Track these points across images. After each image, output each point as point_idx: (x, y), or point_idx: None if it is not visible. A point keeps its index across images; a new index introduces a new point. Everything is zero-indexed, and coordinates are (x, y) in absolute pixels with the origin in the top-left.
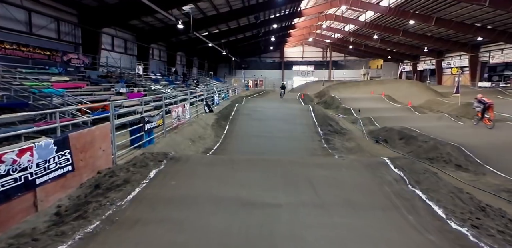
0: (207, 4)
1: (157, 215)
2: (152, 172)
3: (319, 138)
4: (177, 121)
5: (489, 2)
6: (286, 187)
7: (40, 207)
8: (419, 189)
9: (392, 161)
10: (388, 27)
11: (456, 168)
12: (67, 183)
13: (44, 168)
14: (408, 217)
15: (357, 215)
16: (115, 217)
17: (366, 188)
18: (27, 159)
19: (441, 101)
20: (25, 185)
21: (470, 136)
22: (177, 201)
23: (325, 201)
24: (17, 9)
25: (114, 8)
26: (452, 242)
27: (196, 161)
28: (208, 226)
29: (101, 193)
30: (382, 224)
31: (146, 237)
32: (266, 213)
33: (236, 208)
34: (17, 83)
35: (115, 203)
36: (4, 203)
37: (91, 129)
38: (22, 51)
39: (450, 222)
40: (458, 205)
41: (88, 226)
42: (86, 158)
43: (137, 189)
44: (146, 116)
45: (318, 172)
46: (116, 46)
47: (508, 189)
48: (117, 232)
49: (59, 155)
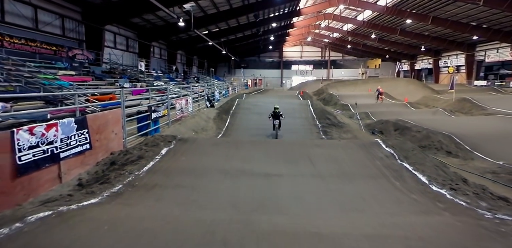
0: (207, 2)
1: (172, 181)
2: (163, 150)
3: (317, 130)
4: (180, 113)
5: (484, 1)
6: (287, 162)
7: (64, 179)
8: (407, 163)
9: (384, 141)
10: (386, 26)
11: (447, 154)
12: (85, 160)
13: (66, 144)
14: (395, 183)
15: (350, 183)
16: (135, 182)
17: (359, 162)
18: (53, 134)
19: (437, 97)
20: (51, 157)
21: (461, 127)
22: (188, 172)
23: (322, 172)
24: (25, 6)
25: (117, 5)
26: (432, 199)
27: (203, 142)
28: (217, 189)
29: (117, 168)
30: (372, 189)
31: (164, 196)
32: (269, 181)
33: (242, 177)
34: (28, 75)
35: (133, 173)
36: (35, 172)
37: (105, 112)
38: (30, 46)
39: (431, 186)
40: (441, 175)
41: (113, 188)
42: (101, 139)
43: (151, 162)
44: (153, 105)
45: (317, 150)
46: (118, 43)
47: (493, 171)
48: (138, 192)
49: (78, 133)
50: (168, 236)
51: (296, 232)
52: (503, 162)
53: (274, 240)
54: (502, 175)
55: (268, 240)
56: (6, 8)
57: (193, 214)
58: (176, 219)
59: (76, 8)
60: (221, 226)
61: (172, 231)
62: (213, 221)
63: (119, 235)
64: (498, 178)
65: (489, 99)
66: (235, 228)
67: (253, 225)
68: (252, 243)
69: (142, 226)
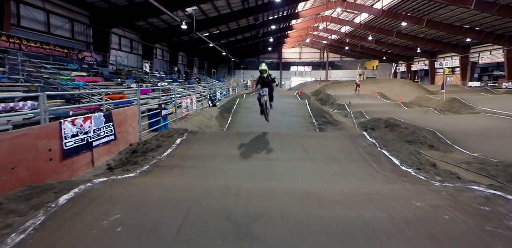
0: (209, 6)
1: (188, 163)
2: (177, 140)
3: (313, 127)
4: (186, 111)
5: (475, 5)
6: (283, 150)
7: (95, 164)
8: (385, 150)
9: (369, 133)
10: (382, 29)
11: (429, 148)
12: (111, 149)
13: (97, 134)
14: (373, 164)
15: (335, 164)
16: (159, 164)
17: (345, 149)
18: (88, 125)
19: (429, 97)
20: (87, 145)
21: (447, 124)
22: (200, 157)
23: (313, 157)
24: (38, 11)
25: (123, 9)
26: (399, 175)
27: (211, 134)
28: (226, 169)
29: (139, 155)
30: (352, 168)
31: (184, 172)
32: (268, 163)
33: (246, 161)
34: (47, 76)
35: (156, 157)
36: (75, 156)
37: (125, 108)
38: (44, 48)
39: (402, 166)
40: (412, 159)
41: (142, 167)
42: (122, 131)
43: (169, 150)
44: (162, 103)
45: (310, 140)
46: (123, 45)
47: (468, 161)
48: (163, 170)
49: (106, 126)
50: (198, 190)
51: (288, 190)
52: (478, 154)
53: (272, 194)
54: (474, 164)
55: (268, 194)
56: (22, 13)
57: (211, 182)
58: (198, 184)
59: (84, 12)
60: (233, 187)
61: (199, 188)
62: (226, 185)
63: (161, 191)
64: (470, 167)
65: (478, 99)
66: (243, 188)
67: (257, 187)
68: (256, 195)
69: (175, 186)
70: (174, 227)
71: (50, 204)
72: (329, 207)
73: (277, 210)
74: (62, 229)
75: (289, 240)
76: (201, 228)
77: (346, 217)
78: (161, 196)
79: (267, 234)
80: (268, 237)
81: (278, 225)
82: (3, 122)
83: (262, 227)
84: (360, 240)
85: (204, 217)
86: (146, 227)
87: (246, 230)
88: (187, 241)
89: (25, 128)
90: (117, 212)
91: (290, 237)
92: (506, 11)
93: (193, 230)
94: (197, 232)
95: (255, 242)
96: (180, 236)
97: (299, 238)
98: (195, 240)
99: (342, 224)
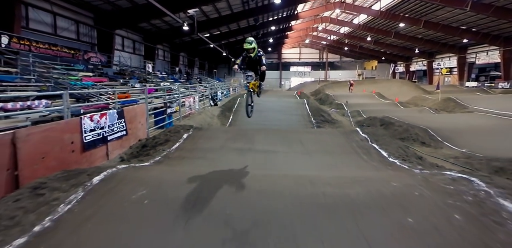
0: (210, 8)
1: (195, 155)
2: (184, 135)
3: (311, 126)
4: (189, 110)
5: (470, 6)
6: (282, 143)
7: (110, 157)
8: (376, 144)
9: (362, 129)
10: (381, 30)
11: (421, 144)
12: (123, 144)
13: (111, 130)
14: (363, 156)
15: (329, 156)
16: (169, 155)
17: (339, 144)
18: (104, 121)
19: (425, 97)
20: (102, 139)
21: (439, 122)
22: (206, 150)
23: (309, 150)
24: (46, 13)
25: (127, 11)
26: (386, 165)
27: (215, 130)
28: (230, 159)
29: (150, 149)
30: (344, 159)
31: (193, 162)
32: (268, 155)
33: (247, 153)
34: (56, 76)
35: (166, 150)
36: (93, 149)
37: (134, 106)
38: (52, 50)
39: (389, 158)
40: (400, 152)
41: (155, 158)
42: (132, 128)
43: (177, 144)
44: (167, 101)
45: (307, 136)
46: (126, 46)
47: (456, 156)
48: (174, 161)
49: (119, 122)
50: (207, 175)
51: (285, 175)
52: (466, 149)
53: (271, 177)
54: (461, 159)
55: (267, 177)
56: (30, 16)
57: (217, 169)
58: (207, 170)
59: (89, 14)
60: (237, 173)
61: (207, 173)
62: (231, 171)
63: (176, 175)
64: (457, 161)
65: (473, 98)
66: (246, 173)
67: (257, 173)
68: (257, 178)
69: (188, 171)
70: (190, 200)
71: (86, 183)
72: (320, 186)
73: (275, 187)
74: (100, 202)
75: (285, 209)
76: (213, 201)
77: (333, 193)
78: (177, 178)
79: (267, 205)
80: (267, 207)
81: (276, 198)
82: (23, 119)
83: (263, 200)
84: (343, 210)
85: (214, 194)
86: (167, 200)
87: (249, 202)
88: (202, 210)
89: (52, 122)
90: (142, 189)
91: (286, 207)
92: (501, 13)
93: (206, 202)
94: (210, 204)
95: (256, 210)
96: (196, 207)
97: (294, 207)
98: (209, 210)
99: (329, 198)
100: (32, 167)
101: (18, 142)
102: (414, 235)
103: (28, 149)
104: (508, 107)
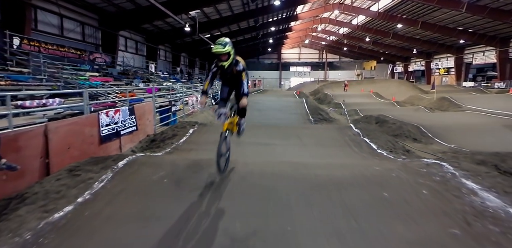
0: (211, 9)
1: (202, 147)
2: (190, 130)
3: (309, 124)
4: (192, 108)
5: (466, 8)
6: (281, 138)
7: (122, 150)
8: (367, 138)
9: (355, 125)
10: (379, 30)
11: (413, 140)
12: (133, 138)
13: (124, 125)
14: (354, 149)
15: (323, 148)
16: (178, 147)
17: (333, 138)
18: (117, 117)
19: (422, 96)
20: (116, 133)
21: (432, 120)
22: (211, 142)
23: (305, 143)
24: (53, 15)
25: (131, 13)
26: (374, 155)
27: (218, 126)
28: (235, 150)
29: (158, 143)
30: (336, 151)
31: (200, 153)
32: (267, 147)
33: (249, 146)
34: (66, 76)
35: (174, 143)
36: (108, 142)
37: (143, 104)
38: (60, 50)
39: (377, 149)
40: (388, 145)
41: (165, 150)
42: (141, 124)
43: (184, 138)
44: (172, 100)
45: (304, 131)
46: (129, 47)
47: (444, 151)
48: (183, 152)
49: (130, 118)
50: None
51: (282, 161)
52: (454, 145)
53: (270, 163)
54: (449, 153)
55: (267, 163)
56: (39, 18)
57: None
58: (213, 158)
59: (94, 15)
60: (241, 161)
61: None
62: (236, 159)
63: (189, 161)
64: (444, 155)
65: (467, 98)
66: (249, 160)
67: (258, 161)
68: (259, 164)
69: (198, 159)
70: (201, 179)
71: (113, 167)
72: (312, 169)
73: (274, 170)
74: (126, 181)
75: (281, 186)
76: (220, 181)
77: (323, 174)
78: (190, 164)
79: (267, 183)
80: (266, 185)
81: (274, 179)
82: (40, 115)
83: (264, 180)
84: (330, 187)
85: (221, 175)
86: (185, 180)
87: (252, 181)
88: (210, 187)
89: (75, 117)
90: (161, 171)
91: (283, 185)
92: (496, 14)
93: (214, 182)
94: (218, 183)
95: (256, 188)
96: (207, 185)
97: (289, 185)
98: (216, 187)
99: (319, 178)
100: (60, 156)
101: (50, 133)
102: (387, 205)
103: (57, 140)
104: (499, 106)
